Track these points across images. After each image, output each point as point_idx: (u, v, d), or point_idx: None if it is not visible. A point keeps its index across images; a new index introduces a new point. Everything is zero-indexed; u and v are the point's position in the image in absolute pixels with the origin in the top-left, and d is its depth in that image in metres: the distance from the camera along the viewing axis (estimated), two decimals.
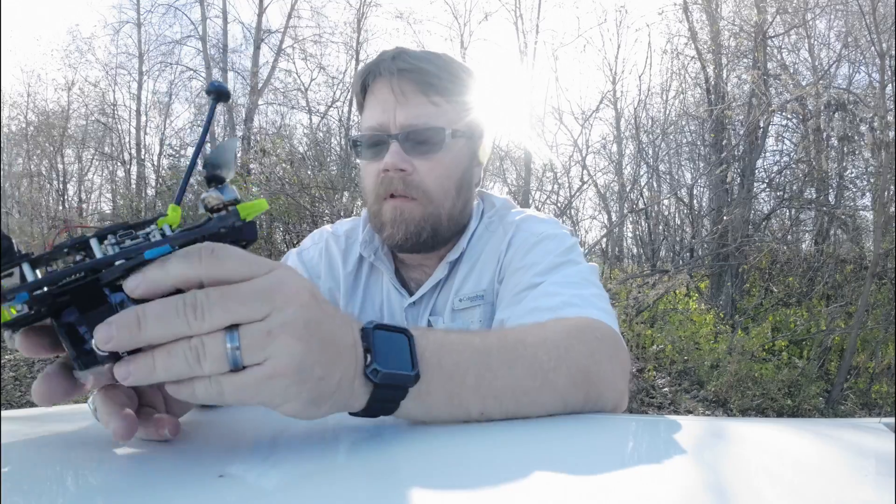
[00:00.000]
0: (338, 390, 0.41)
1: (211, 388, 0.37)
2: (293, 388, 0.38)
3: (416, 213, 0.83)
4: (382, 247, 0.93)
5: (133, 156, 11.50)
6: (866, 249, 6.17)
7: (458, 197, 0.87)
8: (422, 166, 0.83)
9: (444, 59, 0.87)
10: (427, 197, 0.83)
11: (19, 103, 12.07)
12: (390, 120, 0.82)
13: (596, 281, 0.81)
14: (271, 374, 0.37)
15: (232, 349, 0.36)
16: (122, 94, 12.27)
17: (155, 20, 13.42)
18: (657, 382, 4.77)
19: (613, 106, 8.42)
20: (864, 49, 6.33)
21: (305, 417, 0.41)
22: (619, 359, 0.65)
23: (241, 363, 0.36)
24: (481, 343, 0.53)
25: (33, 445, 0.46)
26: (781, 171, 6.95)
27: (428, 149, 0.83)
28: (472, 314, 0.87)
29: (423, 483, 0.37)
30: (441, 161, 0.84)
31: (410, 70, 0.82)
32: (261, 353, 0.36)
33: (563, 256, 0.82)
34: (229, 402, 0.38)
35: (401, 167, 0.81)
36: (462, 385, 0.49)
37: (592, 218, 8.83)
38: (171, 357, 0.36)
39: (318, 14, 11.18)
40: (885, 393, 4.65)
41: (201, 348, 0.36)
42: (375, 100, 0.85)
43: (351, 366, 0.42)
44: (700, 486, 0.36)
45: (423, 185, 0.83)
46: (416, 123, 0.82)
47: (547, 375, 0.54)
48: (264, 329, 0.36)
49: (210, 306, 0.36)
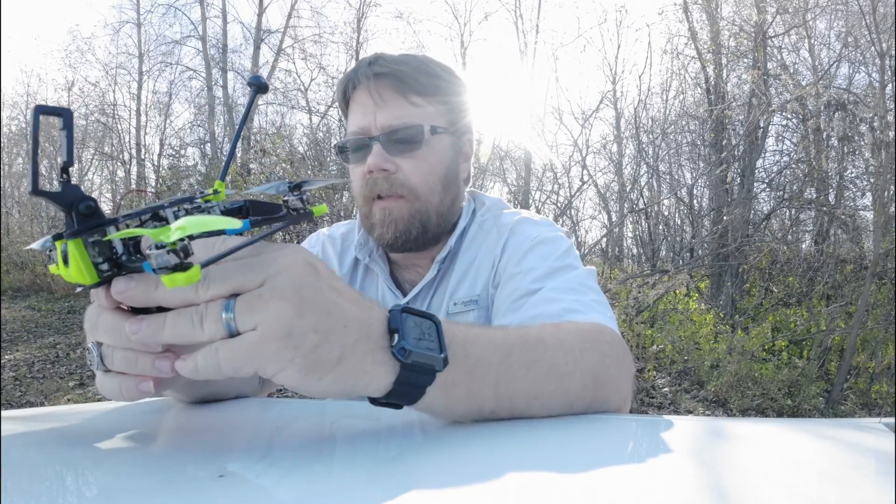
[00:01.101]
0: (339, 364, 0.40)
1: (209, 357, 0.38)
2: (285, 353, 0.38)
3: (405, 211, 0.84)
4: (377, 249, 0.94)
5: (133, 156, 11.50)
6: (866, 249, 6.17)
7: (446, 193, 0.88)
8: (405, 164, 0.84)
9: (422, 59, 0.88)
10: (413, 194, 0.84)
11: (19, 103, 12.08)
12: (371, 123, 0.84)
13: (594, 285, 0.81)
14: (261, 337, 0.37)
15: (227, 319, 0.38)
16: (122, 94, 12.29)
17: (155, 20, 13.45)
18: (657, 382, 4.77)
19: (613, 106, 8.43)
20: (864, 49, 6.33)
21: (310, 391, 0.41)
22: (626, 364, 0.65)
23: (235, 330, 0.38)
24: (503, 340, 0.52)
25: (33, 445, 0.46)
26: (781, 171, 6.95)
27: (409, 147, 0.84)
28: (466, 319, 0.87)
29: (424, 482, 0.37)
30: (424, 158, 0.85)
31: (387, 74, 0.84)
32: (252, 317, 0.37)
33: (560, 261, 0.81)
34: (225, 370, 0.38)
35: (384, 167, 0.83)
36: (483, 382, 0.48)
37: (592, 218, 8.85)
38: (179, 317, 0.39)
39: (318, 14, 11.22)
40: (885, 393, 4.65)
41: (204, 311, 0.38)
42: (356, 106, 0.87)
43: (360, 341, 0.41)
44: (700, 486, 0.36)
45: (408, 182, 0.84)
46: (395, 124, 0.83)
47: (562, 380, 0.54)
48: (256, 294, 0.38)
49: (214, 276, 0.38)
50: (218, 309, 0.38)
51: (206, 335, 0.38)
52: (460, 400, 0.48)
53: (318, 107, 10.25)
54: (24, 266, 10.18)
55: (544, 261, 0.81)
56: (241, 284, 0.38)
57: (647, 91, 8.16)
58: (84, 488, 0.37)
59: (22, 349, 5.98)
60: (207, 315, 0.38)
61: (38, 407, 4.01)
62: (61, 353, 5.88)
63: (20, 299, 8.97)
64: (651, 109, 8.48)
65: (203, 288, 0.38)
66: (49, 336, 6.59)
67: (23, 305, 8.42)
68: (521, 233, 0.87)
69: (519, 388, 0.51)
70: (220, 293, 0.38)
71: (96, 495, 0.35)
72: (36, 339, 6.44)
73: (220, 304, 0.38)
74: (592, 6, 10.95)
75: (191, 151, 10.98)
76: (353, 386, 0.41)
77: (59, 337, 6.54)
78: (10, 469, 0.38)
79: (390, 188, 0.83)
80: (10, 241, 10.75)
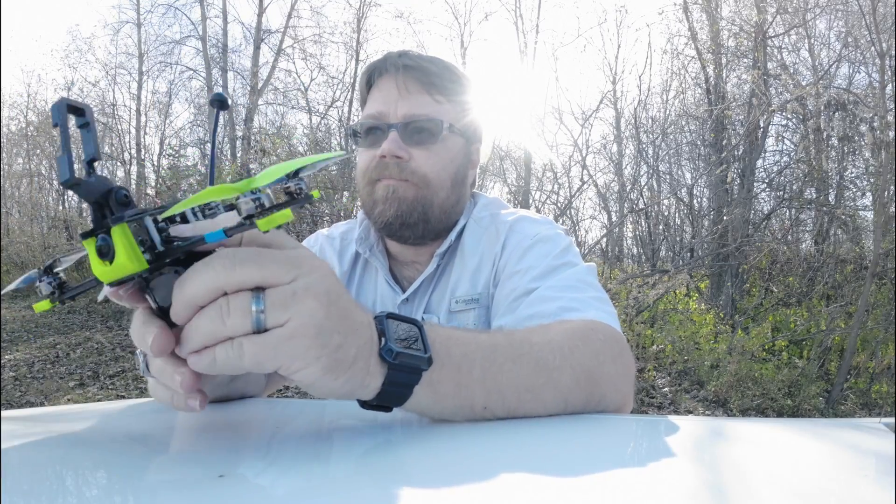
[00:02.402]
0: (353, 364, 0.42)
1: (232, 351, 0.38)
2: (313, 351, 0.39)
3: (410, 193, 0.85)
4: (377, 244, 0.95)
5: (133, 156, 11.50)
6: (866, 249, 6.16)
7: (452, 190, 0.88)
8: (418, 155, 0.85)
9: (448, 63, 0.91)
10: (423, 181, 0.85)
11: (19, 103, 12.08)
12: (391, 110, 0.85)
13: (594, 282, 0.80)
14: (292, 333, 0.38)
15: (257, 311, 0.37)
16: (122, 94, 12.29)
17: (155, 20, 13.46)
18: (657, 382, 4.77)
19: (613, 106, 8.42)
20: (864, 49, 6.33)
21: (321, 390, 0.41)
22: (623, 361, 0.65)
23: (263, 325, 0.37)
24: (488, 339, 0.53)
25: (33, 445, 0.46)
26: (781, 171, 6.95)
27: (426, 138, 0.85)
28: (467, 317, 0.87)
29: (424, 482, 0.37)
30: (438, 152, 0.86)
31: (415, 68, 0.86)
32: (284, 313, 0.38)
33: (558, 259, 0.81)
34: (248, 366, 0.38)
35: (397, 154, 0.83)
36: (469, 376, 0.49)
37: (592, 218, 8.84)
38: (199, 318, 0.38)
39: (318, 14, 11.21)
40: (885, 393, 4.65)
41: (226, 306, 0.37)
42: (378, 92, 0.88)
43: (367, 343, 0.43)
44: (700, 486, 0.36)
45: (419, 171, 0.85)
46: (416, 113, 0.84)
47: (551, 374, 0.54)
48: (290, 291, 0.38)
49: (242, 261, 0.37)
50: (244, 302, 0.37)
51: (228, 330, 0.38)
52: (448, 397, 0.48)
53: (317, 107, 10.25)
54: (24, 266, 10.18)
55: (543, 259, 0.81)
56: (273, 277, 0.38)
57: (647, 91, 8.16)
58: (84, 488, 0.37)
59: (22, 349, 5.98)
60: (231, 308, 0.37)
61: (38, 407, 4.01)
62: (61, 353, 5.88)
63: (20, 299, 8.97)
64: (651, 109, 8.48)
65: (227, 269, 0.37)
66: (49, 336, 6.59)
67: (23, 305, 8.42)
68: (521, 231, 0.87)
69: (507, 382, 0.51)
70: (249, 280, 0.37)
71: (96, 495, 0.35)
72: (36, 339, 6.44)
73: (247, 297, 0.37)
74: (592, 6, 10.94)
75: (191, 151, 10.99)
76: (359, 386, 0.43)
77: (59, 337, 6.54)
78: (10, 469, 0.38)
79: (400, 173, 0.84)
80: (10, 241, 10.75)
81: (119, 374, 5.20)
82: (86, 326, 7.09)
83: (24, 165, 12.06)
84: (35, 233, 10.76)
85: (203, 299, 0.38)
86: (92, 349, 6.04)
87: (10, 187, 11.86)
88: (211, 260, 0.38)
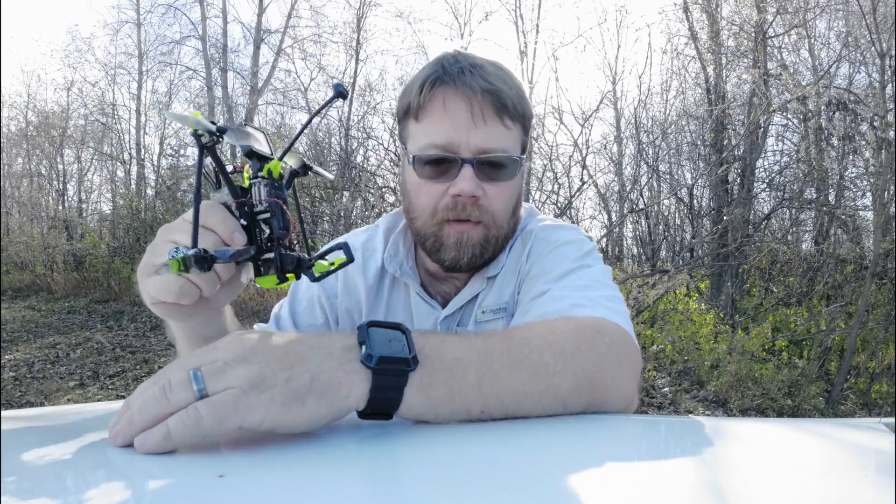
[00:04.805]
0: (314, 383, 0.44)
1: (187, 416, 0.41)
2: (264, 396, 0.42)
3: (480, 236, 0.81)
4: (408, 260, 0.91)
5: (133, 156, 11.50)
6: (866, 249, 6.16)
7: (513, 219, 0.86)
8: (491, 191, 0.80)
9: (511, 75, 0.84)
10: (493, 221, 0.81)
11: (19, 103, 12.08)
12: (463, 141, 0.78)
13: (609, 283, 0.79)
14: (239, 392, 0.42)
15: (196, 384, 0.42)
16: (122, 94, 12.29)
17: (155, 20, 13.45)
18: (657, 382, 4.77)
19: (613, 106, 8.43)
20: (864, 49, 6.33)
21: (299, 421, 0.43)
22: (630, 363, 0.64)
23: (205, 394, 0.42)
24: (484, 344, 0.53)
25: (33, 445, 0.46)
26: (781, 171, 6.95)
27: (500, 174, 0.80)
28: (496, 326, 0.86)
29: (424, 483, 0.37)
30: (507, 187, 0.82)
31: (492, 92, 0.78)
32: (223, 380, 0.42)
33: (576, 262, 0.80)
34: (207, 426, 0.41)
35: (475, 194, 0.78)
36: (463, 381, 0.49)
37: (592, 218, 8.82)
38: (142, 400, 0.43)
39: (318, 14, 11.21)
40: (885, 393, 4.65)
41: (167, 384, 0.42)
42: (446, 114, 0.78)
43: (325, 360, 0.45)
44: (700, 486, 0.36)
45: (490, 209, 0.81)
46: (492, 148, 0.78)
47: (552, 380, 0.54)
48: (220, 363, 0.43)
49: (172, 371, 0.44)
50: (185, 377, 0.42)
51: (174, 404, 0.41)
52: (443, 401, 0.49)
53: (317, 107, 10.24)
54: (24, 266, 10.18)
55: (561, 263, 0.80)
56: (201, 363, 0.43)
57: (647, 91, 8.18)
58: (84, 488, 0.37)
59: (22, 349, 5.98)
60: (175, 384, 0.42)
61: (38, 407, 4.00)
62: (61, 353, 5.88)
63: (20, 299, 8.97)
64: (651, 109, 8.49)
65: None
66: (49, 336, 6.59)
67: (23, 305, 8.42)
68: (544, 238, 0.86)
69: (505, 388, 0.51)
70: (184, 368, 0.43)
71: (96, 495, 0.35)
72: (36, 339, 6.44)
73: (185, 373, 0.42)
74: (592, 6, 10.98)
75: (191, 151, 10.98)
76: (335, 398, 0.45)
77: (59, 337, 6.54)
78: (11, 469, 0.38)
79: (472, 214, 0.80)
80: (10, 241, 10.74)
81: (119, 374, 5.20)
82: (86, 326, 7.09)
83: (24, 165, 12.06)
84: (35, 233, 10.75)
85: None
86: (92, 349, 6.04)
87: (10, 187, 11.85)
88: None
